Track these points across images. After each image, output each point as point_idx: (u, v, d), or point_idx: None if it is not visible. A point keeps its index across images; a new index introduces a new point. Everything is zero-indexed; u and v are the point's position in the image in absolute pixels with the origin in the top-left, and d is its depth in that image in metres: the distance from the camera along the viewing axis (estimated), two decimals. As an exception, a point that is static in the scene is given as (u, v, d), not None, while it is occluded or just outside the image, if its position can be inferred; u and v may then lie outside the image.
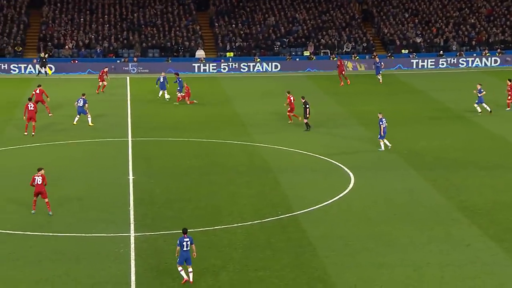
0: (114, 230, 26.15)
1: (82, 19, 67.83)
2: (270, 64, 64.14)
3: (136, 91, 53.84)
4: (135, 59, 63.31)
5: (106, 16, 68.47)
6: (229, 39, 67.09)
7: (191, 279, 22.00)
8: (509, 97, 45.92)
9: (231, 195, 30.29)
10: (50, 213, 27.62)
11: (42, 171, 27.77)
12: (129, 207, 28.59)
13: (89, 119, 41.89)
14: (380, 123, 36.45)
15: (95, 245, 24.99)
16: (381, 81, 56.53)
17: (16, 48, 63.56)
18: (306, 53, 66.46)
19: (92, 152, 36.79)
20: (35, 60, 61.54)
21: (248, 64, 63.99)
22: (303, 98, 41.23)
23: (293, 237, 25.73)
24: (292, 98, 42.88)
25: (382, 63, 58.47)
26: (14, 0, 68.58)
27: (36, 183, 27.50)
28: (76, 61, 62.76)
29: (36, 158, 35.44)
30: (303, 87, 56.00)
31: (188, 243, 22.22)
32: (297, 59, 65.43)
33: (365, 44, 68.00)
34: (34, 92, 44.46)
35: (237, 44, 66.74)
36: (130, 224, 26.81)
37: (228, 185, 31.51)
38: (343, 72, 56.89)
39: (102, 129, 41.28)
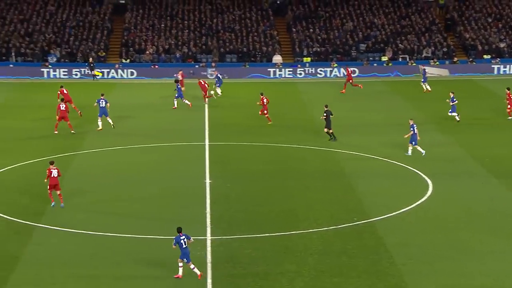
0: (190, 233, 26.24)
1: (162, 25, 68.92)
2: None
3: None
4: (213, 64, 63.87)
5: (185, 22, 69.37)
6: (306, 44, 66.93)
7: (198, 273, 22.35)
8: (510, 106, 44.20)
9: (306, 200, 30.11)
10: (62, 205, 28.48)
11: (54, 164, 28.72)
12: (206, 210, 28.76)
13: (110, 121, 41.88)
14: (411, 129, 35.89)
15: (172, 247, 25.20)
16: (424, 90, 54.78)
17: (99, 53, 65.07)
18: (384, 58, 65.65)
19: (170, 156, 37.22)
20: (117, 65, 62.83)
21: (325, 69, 63.68)
22: (326, 106, 40.23)
23: (369, 244, 25.35)
24: (265, 99, 43.11)
25: (426, 70, 57.01)
26: (99, 6, 70.26)
27: (52, 175, 28.41)
28: (157, 66, 63.76)
29: (115, 161, 36.11)
30: (380, 92, 55.33)
31: (185, 239, 22.62)
32: (375, 64, 64.71)
33: (445, 49, 66.69)
34: (59, 93, 45.26)
35: (314, 49, 66.52)
36: (206, 227, 26.96)
37: (304, 190, 31.34)
38: (351, 81, 55.00)
39: (180, 133, 41.72)
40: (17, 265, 23.45)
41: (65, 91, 45.61)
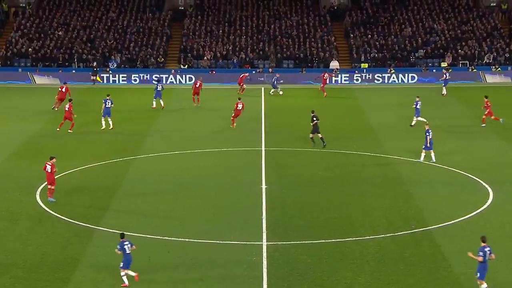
0: (246, 238, 26.38)
1: (220, 31, 69.38)
2: (406, 75, 63.01)
3: (270, 101, 54.34)
4: (270, 69, 63.97)
5: (243, 28, 69.69)
6: (364, 50, 66.48)
7: (133, 274, 22.39)
8: (487, 113, 43.52)
9: (363, 206, 29.87)
10: (52, 199, 29.18)
11: (54, 160, 29.52)
12: (262, 215, 28.78)
13: (110, 122, 43.22)
14: (427, 134, 35.57)
15: (228, 252, 25.32)
16: (443, 93, 54.23)
17: (158, 59, 65.88)
18: (443, 64, 64.73)
19: (226, 161, 37.39)
20: (173, 71, 63.49)
21: (383, 75, 63.13)
22: (312, 112, 39.79)
23: (427, 252, 24.99)
24: (241, 104, 43.57)
25: (447, 75, 56.02)
26: (159, 13, 71.18)
27: (46, 170, 29.17)
28: (214, 72, 64.20)
29: (173, 165, 36.45)
30: (439, 99, 54.60)
31: (129, 245, 22.61)
32: (434, 70, 63.86)
33: (507, 55, 65.39)
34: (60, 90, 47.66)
35: (371, 55, 66.03)
36: (262, 232, 26.97)
37: (361, 197, 31.09)
38: (322, 86, 55.41)
39: (237, 139, 41.89)
40: (77, 267, 23.86)
41: (63, 90, 47.66)
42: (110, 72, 63.18)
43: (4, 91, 59.16)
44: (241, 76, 57.55)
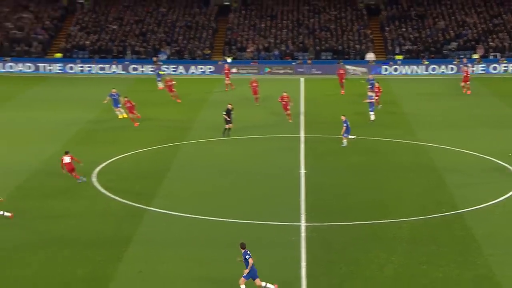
0: (285, 219, 26.39)
1: (263, 25, 69.26)
2: (438, 66, 62.14)
3: (309, 91, 54.14)
4: (309, 61, 63.67)
5: (284, 21, 69.44)
6: (398, 43, 65.72)
7: None
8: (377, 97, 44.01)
9: (397, 191, 29.63)
10: (83, 179, 30.38)
11: (68, 154, 30.36)
12: (300, 198, 28.75)
13: (119, 113, 42.83)
14: (344, 124, 36.13)
15: (268, 232, 25.37)
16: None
17: (204, 51, 66.08)
18: (475, 56, 63.63)
19: (267, 147, 37.37)
20: (219, 62, 63.61)
21: (416, 66, 62.36)
22: (229, 105, 39.21)
23: (458, 234, 24.71)
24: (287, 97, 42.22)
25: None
26: (206, 8, 71.36)
27: (64, 162, 30.10)
28: (257, 63, 64.16)
29: (217, 151, 36.58)
30: (471, 90, 53.78)
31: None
32: (465, 61, 62.78)
33: (537, 47, 64.06)
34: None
35: (406, 48, 65.23)
36: (300, 214, 26.95)
37: (394, 182, 30.84)
38: (343, 80, 53.15)
39: (277, 126, 41.82)
40: (130, 245, 24.15)
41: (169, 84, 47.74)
42: (161, 63, 63.58)
43: (64, 81, 59.96)
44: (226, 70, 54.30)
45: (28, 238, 24.44)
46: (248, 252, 20.45)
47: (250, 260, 20.11)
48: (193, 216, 26.86)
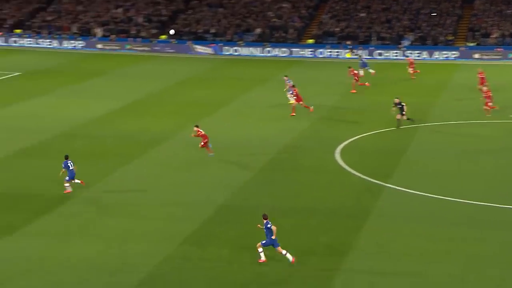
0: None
1: (509, 11, 65.24)
2: None
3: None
4: (558, 47, 58.81)
5: (533, 7, 64.80)
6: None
7: None
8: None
9: None
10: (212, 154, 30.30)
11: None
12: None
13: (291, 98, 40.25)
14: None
15: (505, 215, 24.37)
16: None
17: (447, 37, 64.09)
18: None
19: (503, 132, 35.48)
20: (462, 48, 61.26)
21: None
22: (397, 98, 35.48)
23: None
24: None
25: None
26: (447, -5, 69.13)
27: (201, 134, 29.90)
28: (500, 49, 60.76)
29: (454, 134, 35.54)
30: None
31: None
32: None
33: None
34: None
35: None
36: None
37: None
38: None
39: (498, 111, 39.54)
40: (369, 217, 24.64)
41: (355, 71, 46.61)
42: (404, 49, 62.93)
43: (314, 65, 61.56)
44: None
45: (279, 204, 25.95)
46: (269, 222, 20.77)
47: (274, 228, 20.67)
48: (427, 194, 26.63)
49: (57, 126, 36.91)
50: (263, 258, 20.82)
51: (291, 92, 40.57)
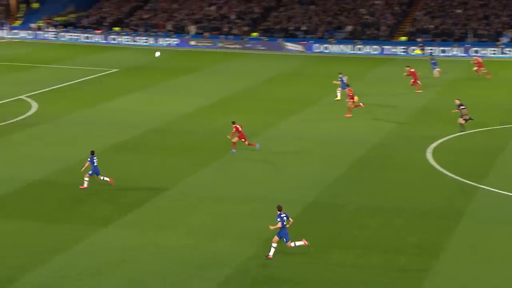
0: None
1: None
2: None
3: None
4: None
5: None
6: None
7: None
8: None
9: None
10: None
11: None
12: None
13: (339, 95, 41.21)
14: None
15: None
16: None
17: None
18: None
19: None
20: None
21: None
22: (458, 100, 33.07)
23: None
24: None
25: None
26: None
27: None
28: None
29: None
30: None
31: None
32: None
33: None
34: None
35: None
36: None
37: None
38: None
39: None
40: (462, 218, 23.79)
41: (412, 70, 44.64)
42: (503, 46, 60.49)
43: (405, 62, 60.22)
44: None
45: (367, 203, 25.50)
46: (281, 215, 20.68)
47: (279, 224, 20.68)
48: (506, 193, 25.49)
49: (150, 121, 37.77)
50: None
51: (345, 88, 40.52)
